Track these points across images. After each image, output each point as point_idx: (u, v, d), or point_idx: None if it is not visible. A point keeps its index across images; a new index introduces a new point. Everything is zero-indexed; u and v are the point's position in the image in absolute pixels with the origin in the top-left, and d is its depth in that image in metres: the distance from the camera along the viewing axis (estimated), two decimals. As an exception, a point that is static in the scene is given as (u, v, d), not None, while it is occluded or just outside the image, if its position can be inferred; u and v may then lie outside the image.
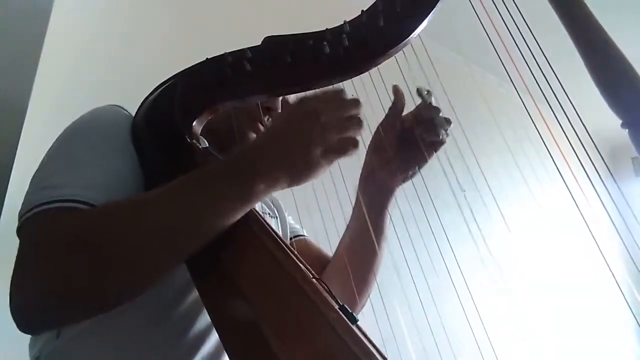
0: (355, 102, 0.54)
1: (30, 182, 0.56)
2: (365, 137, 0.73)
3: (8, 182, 1.22)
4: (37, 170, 0.57)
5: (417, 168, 0.73)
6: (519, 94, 0.65)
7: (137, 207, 0.49)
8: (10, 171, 1.24)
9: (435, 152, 0.71)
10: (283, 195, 0.79)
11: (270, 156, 0.52)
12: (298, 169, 0.53)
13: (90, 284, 0.46)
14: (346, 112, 0.54)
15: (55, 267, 0.46)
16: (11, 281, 0.47)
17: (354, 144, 0.54)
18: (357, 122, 0.54)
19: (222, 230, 0.50)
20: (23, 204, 0.53)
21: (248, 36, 0.68)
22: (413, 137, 0.70)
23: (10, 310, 0.46)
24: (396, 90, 0.71)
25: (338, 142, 0.53)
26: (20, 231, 0.52)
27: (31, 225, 0.51)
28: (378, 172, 0.74)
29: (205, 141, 0.69)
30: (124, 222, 0.48)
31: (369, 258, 0.73)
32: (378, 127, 0.75)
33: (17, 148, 1.27)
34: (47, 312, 0.47)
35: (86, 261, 0.46)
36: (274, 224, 0.83)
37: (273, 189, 0.53)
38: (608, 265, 0.60)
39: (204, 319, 0.58)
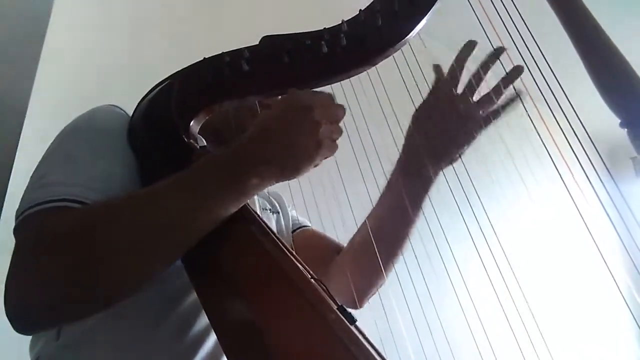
0: (342, 107, 0.56)
1: (28, 182, 0.56)
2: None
3: (8, 182, 1.22)
4: (34, 170, 0.57)
5: (462, 149, 0.71)
6: (518, 94, 0.64)
7: (130, 205, 0.49)
8: (10, 171, 1.24)
9: (485, 128, 0.69)
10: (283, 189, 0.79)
11: (264, 150, 0.52)
12: (289, 163, 0.53)
13: (82, 283, 0.45)
14: (335, 111, 0.55)
15: (47, 266, 0.45)
16: (5, 281, 0.47)
17: (335, 145, 0.56)
18: (339, 128, 0.56)
19: (214, 225, 0.50)
20: (20, 203, 0.53)
21: (246, 35, 0.68)
22: (457, 114, 0.69)
23: (5, 310, 0.46)
24: (437, 67, 0.71)
25: (327, 138, 0.54)
26: (16, 231, 0.52)
27: (26, 224, 0.51)
28: (419, 156, 0.71)
29: (204, 140, 0.69)
30: (117, 220, 0.47)
31: (396, 247, 0.72)
32: (417, 110, 0.73)
33: (17, 148, 1.27)
34: (39, 312, 0.46)
35: (78, 260, 0.45)
36: (274, 219, 0.83)
37: (266, 183, 0.53)
38: (607, 266, 0.59)
39: (203, 320, 0.58)
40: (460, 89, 0.71)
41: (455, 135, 0.70)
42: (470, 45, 0.70)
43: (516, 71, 0.67)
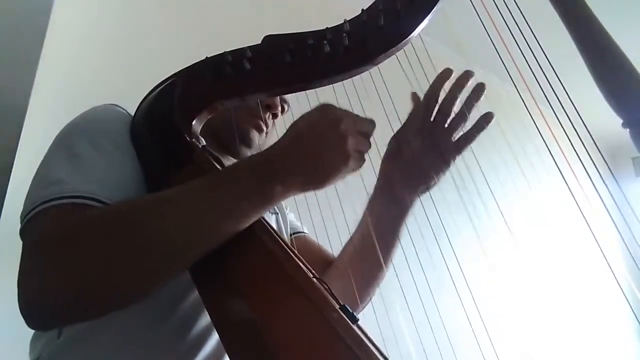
0: (372, 121, 0.56)
1: (32, 182, 0.56)
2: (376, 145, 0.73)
3: (8, 183, 1.22)
4: (38, 169, 0.57)
5: (437, 176, 0.71)
6: (519, 94, 0.64)
7: (153, 206, 0.49)
8: (11, 172, 1.24)
9: (459, 153, 0.70)
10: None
11: (291, 160, 0.52)
12: (315, 175, 0.53)
13: (105, 282, 0.45)
14: (363, 126, 0.55)
15: (69, 262, 0.45)
16: (18, 279, 0.46)
17: (363, 158, 0.55)
18: (368, 141, 0.56)
19: (236, 231, 0.50)
20: (25, 203, 0.53)
21: (248, 35, 0.68)
22: (433, 141, 0.69)
23: (19, 307, 0.45)
24: (414, 95, 0.71)
25: (355, 151, 0.54)
26: (24, 230, 0.51)
27: (37, 221, 0.50)
28: (395, 183, 0.72)
29: (203, 140, 0.69)
30: (140, 220, 0.47)
31: (376, 270, 0.72)
32: (394, 136, 0.73)
33: (17, 149, 1.27)
34: (53, 309, 0.46)
35: (102, 258, 0.45)
36: (273, 220, 0.83)
37: (290, 192, 0.53)
38: (609, 264, 0.59)
39: (205, 319, 0.58)
40: (437, 116, 0.71)
41: (432, 163, 0.70)
42: (445, 73, 0.70)
43: (479, 89, 0.68)
